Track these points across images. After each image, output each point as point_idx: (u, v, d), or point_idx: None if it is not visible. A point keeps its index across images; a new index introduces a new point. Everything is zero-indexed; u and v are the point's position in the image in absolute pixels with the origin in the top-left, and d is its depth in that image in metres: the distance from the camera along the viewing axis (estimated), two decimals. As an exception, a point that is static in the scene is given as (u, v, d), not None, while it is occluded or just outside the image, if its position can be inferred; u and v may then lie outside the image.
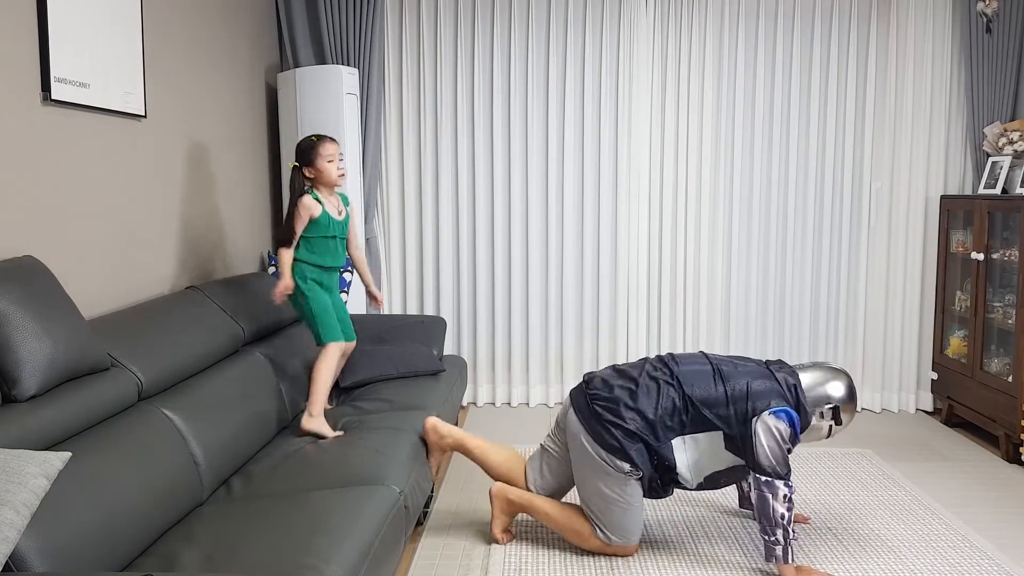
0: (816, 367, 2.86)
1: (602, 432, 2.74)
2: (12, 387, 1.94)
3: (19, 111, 2.32)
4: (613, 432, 2.73)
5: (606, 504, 2.78)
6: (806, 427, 2.77)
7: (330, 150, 3.07)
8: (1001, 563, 2.84)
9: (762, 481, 2.65)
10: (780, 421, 2.67)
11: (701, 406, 2.71)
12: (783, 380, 2.75)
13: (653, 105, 4.68)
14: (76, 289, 2.59)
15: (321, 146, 3.07)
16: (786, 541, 2.63)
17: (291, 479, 2.50)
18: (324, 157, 3.06)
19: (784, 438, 2.67)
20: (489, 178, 4.70)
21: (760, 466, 2.65)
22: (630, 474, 2.73)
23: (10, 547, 1.46)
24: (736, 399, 2.70)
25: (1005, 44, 4.50)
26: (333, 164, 3.08)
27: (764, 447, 2.65)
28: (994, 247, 4.16)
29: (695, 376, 2.77)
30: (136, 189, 2.97)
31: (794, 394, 2.74)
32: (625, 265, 4.74)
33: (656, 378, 2.79)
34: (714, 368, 2.79)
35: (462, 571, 2.80)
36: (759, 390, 2.71)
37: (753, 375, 2.76)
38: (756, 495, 2.66)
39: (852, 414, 2.84)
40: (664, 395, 2.74)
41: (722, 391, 2.72)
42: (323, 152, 3.06)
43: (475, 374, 4.83)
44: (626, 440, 2.71)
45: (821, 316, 4.80)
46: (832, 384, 2.81)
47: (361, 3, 4.38)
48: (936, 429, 4.47)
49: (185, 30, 3.36)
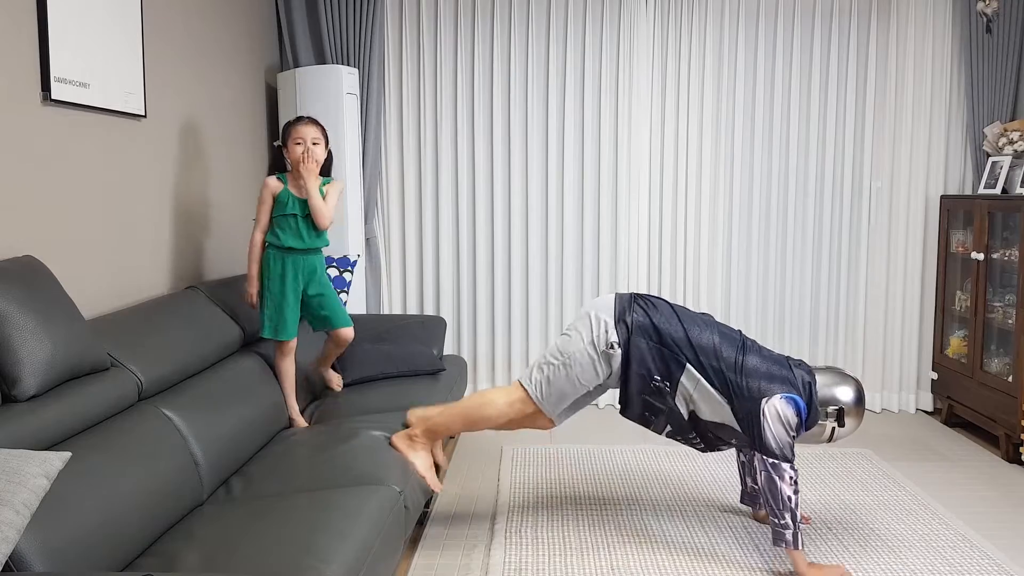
0: (828, 370, 2.87)
1: (624, 309, 2.81)
2: (12, 387, 1.94)
3: (19, 111, 2.32)
4: (634, 316, 2.79)
5: (561, 359, 2.83)
6: (813, 424, 2.79)
7: (299, 133, 3.05)
8: (1001, 563, 2.84)
9: (769, 463, 2.66)
10: (788, 407, 2.69)
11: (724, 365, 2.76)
12: (800, 376, 2.76)
13: (653, 106, 4.67)
14: (76, 289, 2.59)
15: (292, 128, 3.07)
16: (795, 525, 2.64)
17: (291, 479, 2.50)
18: (292, 139, 3.06)
19: (791, 425, 2.68)
20: (489, 178, 4.70)
21: (767, 447, 2.66)
22: (610, 348, 2.77)
23: (10, 547, 1.46)
24: (749, 373, 2.72)
25: (1005, 44, 4.50)
26: (299, 147, 3.04)
27: (771, 430, 2.66)
28: (994, 247, 4.16)
29: (727, 336, 2.82)
30: (136, 189, 2.97)
31: (808, 391, 2.75)
32: (625, 265, 4.74)
33: (706, 320, 2.85)
34: (742, 341, 2.82)
35: (462, 571, 2.80)
36: (773, 373, 2.73)
37: (771, 360, 2.78)
38: (764, 476, 2.67)
39: (857, 420, 2.84)
40: (708, 332, 2.79)
41: (740, 360, 2.75)
42: (292, 134, 3.06)
43: (475, 374, 4.83)
44: (638, 328, 2.77)
45: (821, 316, 4.80)
46: (841, 388, 2.82)
47: (361, 3, 4.38)
48: (936, 429, 4.47)
49: (185, 30, 3.36)
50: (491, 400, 2.91)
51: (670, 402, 2.79)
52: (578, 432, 4.32)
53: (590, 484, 3.56)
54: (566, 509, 3.29)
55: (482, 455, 3.98)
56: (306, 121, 3.08)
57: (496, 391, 2.94)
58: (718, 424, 2.78)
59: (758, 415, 2.68)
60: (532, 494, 3.45)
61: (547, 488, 3.52)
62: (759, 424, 2.68)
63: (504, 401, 2.89)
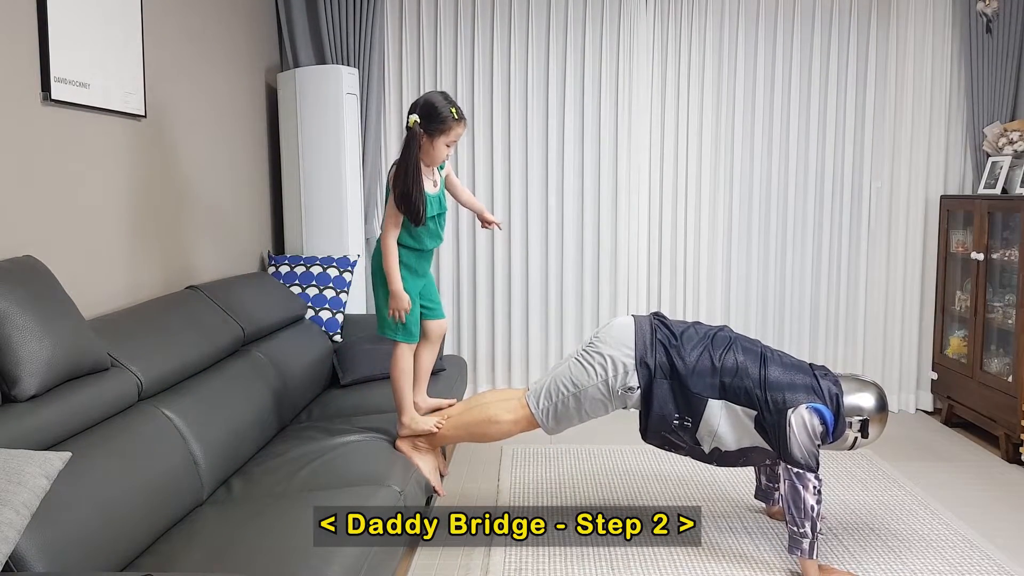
0: (845, 378, 2.85)
1: (646, 348, 2.77)
2: (12, 387, 1.94)
3: (19, 111, 2.32)
4: (656, 357, 2.75)
5: (573, 390, 2.80)
6: (840, 436, 2.77)
7: (457, 135, 2.78)
8: (1001, 563, 2.84)
9: (793, 472, 2.65)
10: (814, 417, 2.67)
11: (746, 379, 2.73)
12: (827, 388, 2.74)
13: (653, 106, 4.67)
14: (76, 289, 2.59)
15: (456, 126, 2.75)
16: (813, 534, 2.63)
17: (291, 479, 2.50)
18: (450, 137, 2.76)
19: (816, 434, 2.67)
20: (489, 177, 4.69)
21: (792, 457, 2.65)
22: (627, 391, 2.75)
23: (10, 547, 1.46)
24: (772, 386, 2.70)
25: (1005, 44, 4.49)
26: (449, 149, 2.80)
27: (797, 440, 2.65)
28: (994, 247, 4.16)
29: (749, 351, 2.79)
30: (136, 189, 2.97)
31: (835, 403, 2.73)
32: (625, 266, 4.73)
33: (728, 336, 2.82)
34: (761, 352, 2.80)
35: (462, 571, 2.80)
36: (796, 383, 2.71)
37: (794, 369, 2.76)
38: (788, 485, 2.66)
39: (881, 427, 2.82)
40: (732, 351, 2.76)
41: (763, 374, 2.72)
42: (452, 134, 2.76)
43: (475, 374, 4.83)
44: (660, 370, 2.74)
45: (821, 317, 4.79)
46: (862, 395, 2.79)
47: (361, 3, 4.38)
48: (936, 429, 4.47)
49: (185, 30, 3.36)
50: (496, 418, 2.89)
51: (690, 441, 2.79)
52: (578, 432, 4.32)
53: (590, 484, 3.56)
54: (566, 509, 3.29)
55: (482, 455, 3.98)
56: (464, 121, 2.80)
57: (501, 406, 2.91)
58: (742, 450, 2.77)
59: (784, 426, 2.67)
60: (532, 494, 3.45)
61: (547, 488, 3.52)
62: (784, 434, 2.66)
63: (509, 419, 2.89)
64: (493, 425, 2.89)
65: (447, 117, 2.73)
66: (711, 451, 2.78)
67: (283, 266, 4.03)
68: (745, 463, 2.83)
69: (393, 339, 2.92)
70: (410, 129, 2.74)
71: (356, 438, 2.86)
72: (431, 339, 3.07)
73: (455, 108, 2.76)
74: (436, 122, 2.73)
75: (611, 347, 2.80)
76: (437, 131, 2.74)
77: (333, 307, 3.95)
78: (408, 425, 2.91)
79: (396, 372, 2.92)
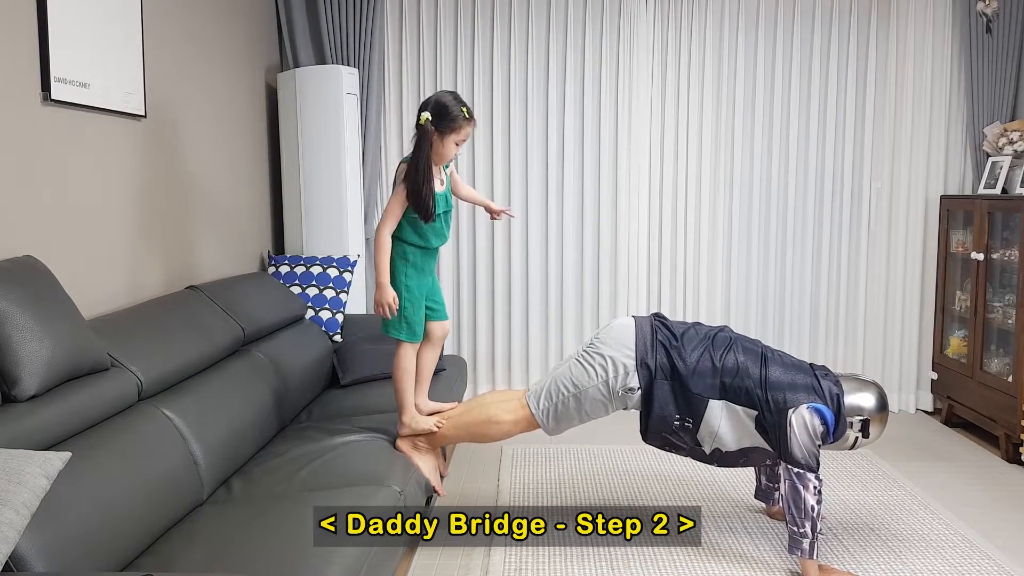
0: (846, 378, 2.85)
1: (647, 349, 2.76)
2: (12, 387, 1.94)
3: (19, 111, 2.32)
4: (657, 357, 2.75)
5: (573, 391, 2.80)
6: (840, 435, 2.77)
7: (467, 135, 2.81)
8: (1001, 563, 2.84)
9: (794, 472, 2.65)
10: (815, 417, 2.67)
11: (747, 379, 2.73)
12: (827, 388, 2.74)
13: (653, 107, 4.67)
14: (76, 289, 2.59)
15: (467, 125, 2.79)
16: (813, 534, 2.63)
17: (291, 479, 2.50)
18: (460, 136, 2.79)
19: (817, 434, 2.67)
20: (489, 177, 4.69)
21: (793, 457, 2.65)
22: (628, 392, 2.75)
23: (10, 547, 1.46)
24: (772, 386, 2.69)
25: (1005, 44, 4.49)
26: (457, 148, 2.83)
27: (798, 440, 2.64)
28: (994, 247, 4.16)
29: (750, 351, 2.78)
30: (136, 189, 2.97)
31: (836, 403, 2.73)
32: (625, 266, 4.73)
33: (728, 336, 2.82)
34: (761, 352, 2.79)
35: (462, 571, 2.80)
36: (796, 382, 2.71)
37: (794, 368, 2.75)
38: (788, 485, 2.66)
39: (881, 427, 2.82)
40: (732, 352, 2.76)
41: (763, 374, 2.72)
42: (462, 132, 2.79)
43: (475, 374, 4.83)
44: (661, 370, 2.73)
45: (821, 317, 4.79)
46: (862, 395, 2.79)
47: (361, 3, 4.38)
48: (936, 429, 4.47)
49: (185, 30, 3.36)
50: (497, 419, 2.90)
51: (691, 442, 2.78)
52: (578, 432, 4.32)
53: (590, 484, 3.56)
54: (566, 509, 3.29)
55: (482, 455, 3.98)
56: (474, 121, 2.83)
57: (501, 407, 2.92)
58: (743, 450, 2.77)
59: (785, 426, 2.67)
60: (532, 494, 3.45)
61: (547, 488, 3.52)
62: (785, 434, 2.66)
63: (510, 420, 2.89)
64: (493, 425, 2.90)
65: (458, 116, 2.77)
66: (712, 452, 2.78)
67: (283, 266, 4.03)
68: (746, 463, 2.83)
69: (397, 338, 2.92)
70: (422, 127, 2.77)
71: (356, 438, 2.86)
72: (433, 340, 3.07)
73: (466, 108, 2.80)
74: (447, 120, 2.77)
75: (611, 348, 2.80)
76: (448, 129, 2.78)
77: (333, 307, 3.95)
78: (408, 425, 2.91)
79: (398, 371, 2.92)
